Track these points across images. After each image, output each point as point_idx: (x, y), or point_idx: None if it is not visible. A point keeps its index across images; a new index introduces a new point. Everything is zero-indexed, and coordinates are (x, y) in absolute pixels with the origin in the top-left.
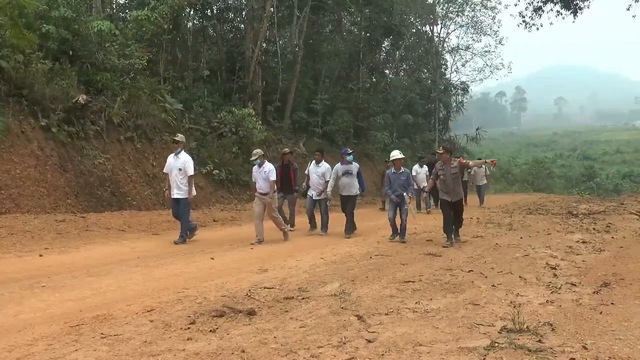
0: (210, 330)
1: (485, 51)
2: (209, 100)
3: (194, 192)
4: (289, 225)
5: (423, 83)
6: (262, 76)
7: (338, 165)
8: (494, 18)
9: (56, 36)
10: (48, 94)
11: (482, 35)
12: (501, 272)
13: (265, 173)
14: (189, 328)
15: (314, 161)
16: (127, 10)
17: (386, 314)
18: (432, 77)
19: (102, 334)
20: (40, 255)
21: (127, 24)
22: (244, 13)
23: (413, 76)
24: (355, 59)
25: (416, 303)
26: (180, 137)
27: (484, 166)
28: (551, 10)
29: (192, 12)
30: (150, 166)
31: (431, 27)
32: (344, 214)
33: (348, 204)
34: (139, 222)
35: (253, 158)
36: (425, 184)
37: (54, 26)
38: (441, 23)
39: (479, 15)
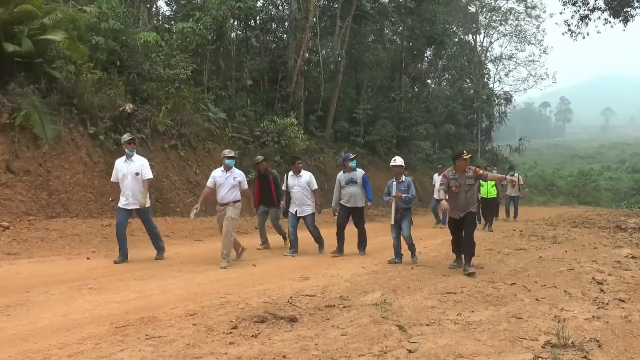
0: (252, 335)
1: (529, 60)
2: (252, 109)
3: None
4: (283, 238)
5: (465, 93)
6: (304, 86)
7: (340, 174)
8: (538, 27)
9: (105, 47)
10: (96, 103)
11: (526, 44)
12: (545, 285)
13: (234, 179)
14: (231, 332)
15: (291, 173)
16: (172, 22)
17: (427, 325)
18: (474, 86)
19: (146, 335)
20: (88, 259)
21: (172, 36)
22: (286, 23)
23: (455, 86)
24: (398, 68)
25: (458, 314)
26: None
27: (516, 174)
28: (598, 18)
29: (235, 23)
30: (194, 174)
31: (474, 36)
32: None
33: (356, 217)
34: (182, 229)
35: (229, 155)
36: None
37: (103, 38)
38: (484, 32)
39: (522, 24)
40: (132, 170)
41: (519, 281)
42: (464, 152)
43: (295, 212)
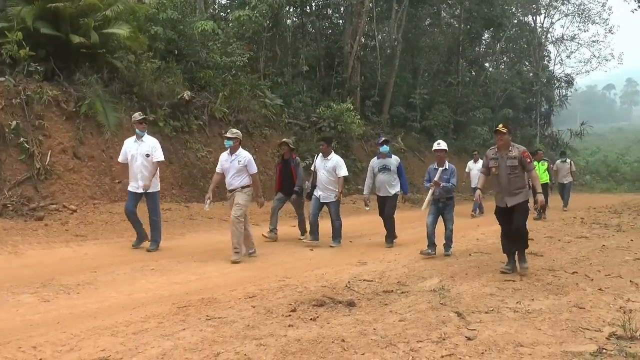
0: (311, 319)
1: (593, 41)
2: (308, 95)
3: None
4: (301, 234)
5: (524, 76)
6: (360, 71)
7: (373, 160)
8: (603, 5)
9: (163, 37)
10: (156, 91)
11: (589, 24)
12: (609, 275)
13: (239, 163)
14: (289, 315)
15: (320, 154)
16: (228, 10)
17: (486, 312)
18: (534, 69)
19: (207, 315)
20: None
21: (228, 24)
22: (342, 9)
23: (514, 69)
24: (455, 52)
25: (517, 303)
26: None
27: (568, 160)
28: None
29: (291, 10)
30: None
31: (534, 17)
32: (382, 219)
33: (386, 207)
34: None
35: (230, 136)
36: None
37: (162, 28)
38: (545, 12)
39: (586, 2)
40: (142, 152)
41: (580, 270)
42: (501, 125)
43: (320, 196)
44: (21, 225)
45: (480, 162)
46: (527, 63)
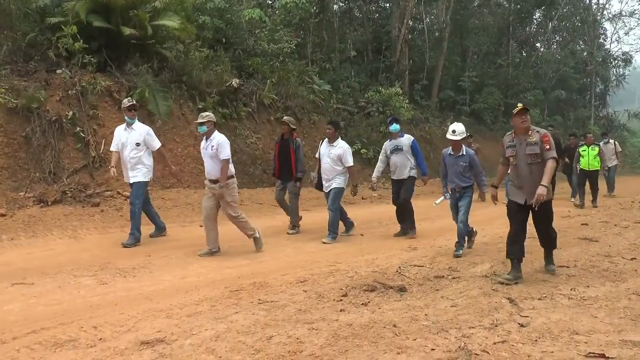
0: (362, 304)
1: None
2: (356, 80)
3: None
4: (292, 226)
5: (578, 55)
6: (408, 55)
7: (386, 143)
8: None
9: (211, 26)
10: (204, 79)
11: None
12: None
13: (212, 148)
14: (341, 300)
15: (325, 140)
16: None
17: (539, 299)
18: (588, 48)
19: (259, 299)
20: (200, 226)
21: (275, 11)
22: None
23: (567, 49)
24: (505, 33)
25: (571, 289)
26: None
27: (611, 141)
28: None
29: None
30: None
31: None
32: (396, 206)
33: (401, 190)
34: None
35: (201, 120)
36: None
37: (209, 17)
38: None
39: None
40: (132, 140)
41: None
42: (518, 104)
43: (326, 187)
44: (79, 211)
45: None
46: (581, 42)
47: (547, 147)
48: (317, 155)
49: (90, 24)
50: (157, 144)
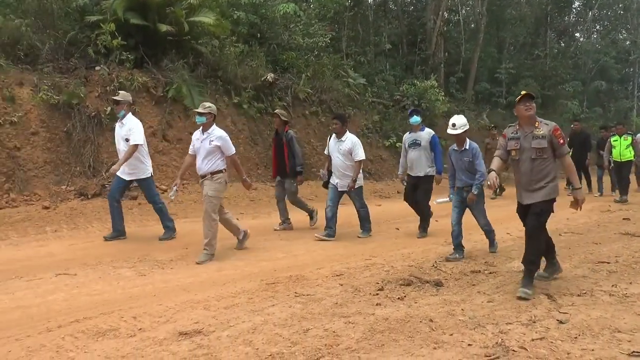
0: (398, 298)
1: None
2: (391, 73)
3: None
4: (280, 223)
5: (620, 45)
6: (444, 47)
7: (406, 135)
8: None
9: (246, 21)
10: (239, 74)
11: None
12: None
13: (211, 143)
14: (377, 294)
15: (333, 135)
16: None
17: (578, 295)
18: (631, 37)
19: (295, 292)
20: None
21: (310, 5)
22: None
23: (608, 38)
24: (542, 23)
25: (613, 286)
26: (123, 94)
27: None
28: None
29: None
30: None
31: None
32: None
33: (417, 191)
34: (325, 192)
35: (201, 110)
36: None
37: (244, 12)
38: None
39: None
40: (121, 135)
41: None
42: (523, 92)
43: (337, 184)
44: None
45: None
46: (623, 31)
47: (561, 141)
48: (325, 152)
49: (128, 22)
50: (136, 139)
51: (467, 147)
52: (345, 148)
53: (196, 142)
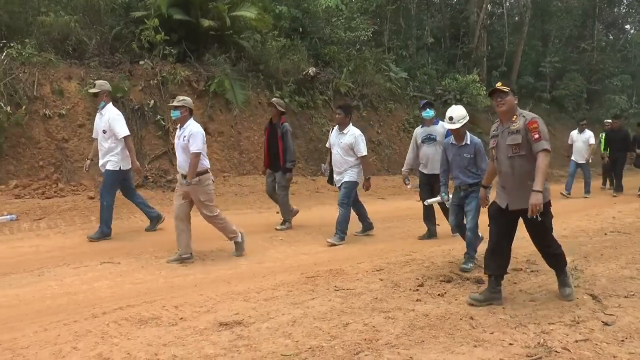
0: (439, 294)
1: None
2: (433, 67)
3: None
4: (282, 222)
5: None
6: (487, 40)
7: (417, 129)
8: None
9: (288, 15)
10: (281, 68)
11: None
12: None
13: (184, 139)
14: (417, 290)
15: (335, 127)
16: None
17: (625, 297)
18: None
19: (335, 286)
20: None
21: None
22: None
23: None
24: (590, 15)
25: None
26: (99, 84)
27: None
28: None
29: None
30: (375, 133)
31: None
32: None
33: (435, 188)
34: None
35: (176, 104)
36: (583, 157)
37: (286, 7)
38: None
39: None
40: (100, 127)
41: None
42: (499, 83)
43: (338, 181)
44: (160, 195)
45: (588, 133)
46: None
47: (536, 136)
48: (327, 145)
49: (171, 17)
50: (121, 132)
51: (469, 142)
52: (346, 142)
53: (175, 140)
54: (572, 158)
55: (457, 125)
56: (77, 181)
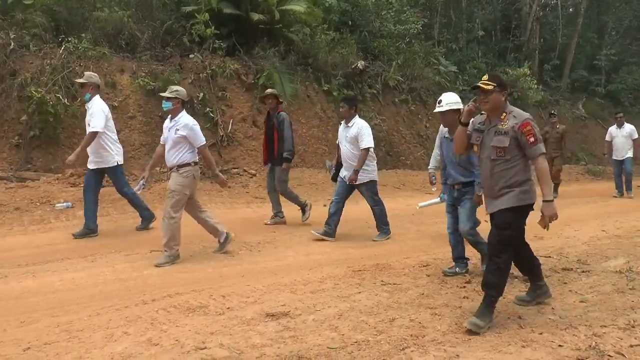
0: None
1: None
2: (483, 61)
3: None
4: (302, 212)
5: None
6: (539, 33)
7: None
8: None
9: (337, 9)
10: (330, 62)
11: None
12: None
13: (177, 132)
14: (464, 287)
15: (343, 122)
16: None
17: None
18: None
19: (382, 281)
20: (324, 205)
21: None
22: None
23: None
24: None
25: None
26: (87, 75)
27: None
28: None
29: None
30: (424, 127)
31: None
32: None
33: None
34: (412, 181)
35: (168, 95)
36: (627, 154)
37: (335, 0)
38: None
39: None
40: (86, 121)
41: None
42: (485, 76)
43: (345, 177)
44: (208, 187)
45: (629, 127)
46: None
47: (531, 139)
48: (337, 141)
49: (221, 11)
50: (95, 126)
51: None
52: (352, 134)
53: (165, 131)
54: (613, 157)
55: (444, 108)
56: (128, 171)
